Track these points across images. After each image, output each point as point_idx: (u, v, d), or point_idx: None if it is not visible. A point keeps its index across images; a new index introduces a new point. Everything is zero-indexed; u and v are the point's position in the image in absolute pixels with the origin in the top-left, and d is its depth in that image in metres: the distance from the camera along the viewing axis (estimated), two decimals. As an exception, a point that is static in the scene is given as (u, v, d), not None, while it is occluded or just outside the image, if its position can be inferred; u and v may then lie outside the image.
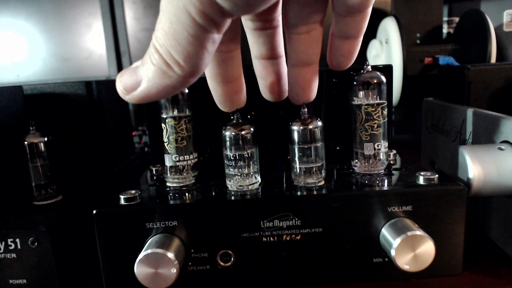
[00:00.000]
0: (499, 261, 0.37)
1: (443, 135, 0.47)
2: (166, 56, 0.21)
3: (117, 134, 0.53)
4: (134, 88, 0.24)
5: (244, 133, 0.32)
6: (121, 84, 0.24)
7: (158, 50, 0.22)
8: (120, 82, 0.24)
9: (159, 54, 0.22)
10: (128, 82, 0.24)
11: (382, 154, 0.35)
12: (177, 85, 0.23)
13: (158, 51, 0.22)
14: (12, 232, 0.31)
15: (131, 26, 1.03)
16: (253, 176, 0.33)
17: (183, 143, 0.35)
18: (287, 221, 0.31)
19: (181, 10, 0.20)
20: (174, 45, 0.21)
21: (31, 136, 0.37)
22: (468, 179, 0.32)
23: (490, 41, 0.71)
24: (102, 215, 0.30)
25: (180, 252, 0.29)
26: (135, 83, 0.23)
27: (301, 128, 0.32)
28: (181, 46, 0.21)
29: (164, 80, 0.22)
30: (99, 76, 1.06)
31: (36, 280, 0.32)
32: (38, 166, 0.37)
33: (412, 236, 0.28)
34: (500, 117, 0.35)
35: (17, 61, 1.08)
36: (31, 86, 0.46)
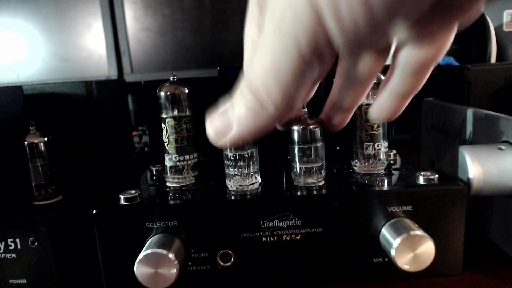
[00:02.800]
0: (499, 261, 0.37)
1: (443, 135, 0.47)
2: (261, 97, 0.21)
3: (117, 134, 0.53)
4: (226, 133, 0.23)
5: (244, 133, 0.32)
6: (212, 130, 0.24)
7: (253, 91, 0.21)
8: (211, 127, 0.24)
9: (253, 95, 0.21)
10: (219, 128, 0.23)
11: (382, 154, 0.35)
12: (270, 125, 0.22)
13: (253, 91, 0.21)
14: (12, 232, 0.31)
15: (131, 26, 1.03)
16: (253, 176, 0.33)
17: (183, 143, 0.35)
18: (287, 221, 0.31)
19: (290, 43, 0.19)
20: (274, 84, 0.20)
21: (31, 136, 0.37)
22: (468, 179, 0.32)
23: (490, 41, 0.71)
24: (102, 215, 0.30)
25: (180, 252, 0.29)
26: (226, 128, 0.23)
27: (301, 128, 0.32)
28: (282, 84, 0.20)
29: (257, 121, 0.22)
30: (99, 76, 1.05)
31: (36, 280, 0.32)
32: (38, 166, 0.37)
33: (412, 236, 0.28)
34: (500, 117, 0.35)
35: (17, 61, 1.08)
36: (31, 86, 0.46)
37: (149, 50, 1.03)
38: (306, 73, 0.20)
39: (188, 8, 1.02)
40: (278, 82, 0.20)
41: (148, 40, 1.03)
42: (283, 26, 0.19)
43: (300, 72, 0.20)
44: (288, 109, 0.21)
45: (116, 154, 0.52)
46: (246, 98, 0.21)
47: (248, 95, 0.21)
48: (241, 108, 0.22)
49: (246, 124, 0.22)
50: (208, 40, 1.03)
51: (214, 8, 1.02)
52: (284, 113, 0.22)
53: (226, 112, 0.23)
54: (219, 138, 0.24)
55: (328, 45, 0.18)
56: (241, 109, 0.22)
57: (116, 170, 0.50)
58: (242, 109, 0.22)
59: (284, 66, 0.19)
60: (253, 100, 0.21)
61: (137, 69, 1.04)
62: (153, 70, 1.03)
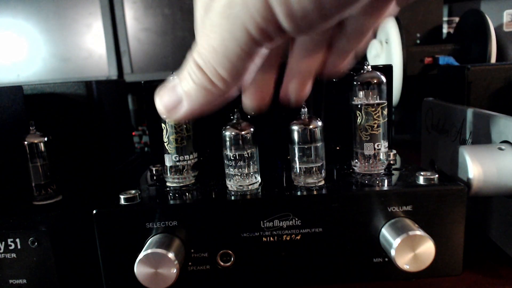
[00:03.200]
0: (499, 261, 0.37)
1: (443, 135, 0.47)
2: (210, 73, 0.21)
3: (117, 134, 0.53)
4: (176, 107, 0.23)
5: (244, 133, 0.32)
6: (162, 104, 0.24)
7: (202, 68, 0.21)
8: (160, 102, 0.24)
9: (202, 71, 0.21)
10: (169, 102, 0.24)
11: (382, 154, 0.35)
12: (219, 100, 0.22)
13: (202, 68, 0.21)
14: (12, 232, 0.31)
15: (131, 26, 1.03)
16: (253, 176, 0.33)
17: (183, 143, 0.35)
18: (287, 221, 0.31)
19: (238, 27, 0.19)
20: (222, 62, 0.20)
21: (31, 136, 0.37)
22: (468, 179, 0.32)
23: (490, 41, 0.71)
24: (102, 215, 0.30)
25: (180, 252, 0.29)
26: (176, 102, 0.23)
27: (301, 128, 0.32)
28: (230, 62, 0.20)
29: (206, 97, 0.22)
30: (99, 76, 1.05)
31: (36, 280, 0.32)
32: (38, 166, 0.37)
33: (412, 236, 0.28)
34: (500, 117, 0.35)
35: (17, 61, 1.08)
36: (31, 86, 0.46)
37: (149, 50, 1.03)
38: (255, 52, 0.20)
39: (188, 8, 1.02)
40: (226, 60, 0.20)
41: (148, 40, 1.03)
42: (232, 7, 0.19)
43: (249, 52, 0.20)
44: (237, 84, 0.22)
45: (116, 154, 0.52)
46: (195, 73, 0.22)
47: (196, 71, 0.21)
48: (190, 83, 0.22)
49: (196, 100, 0.22)
50: (208, 40, 1.02)
51: (214, 8, 1.01)
52: (233, 87, 0.22)
53: (175, 87, 0.23)
54: (170, 113, 0.24)
55: (277, 29, 0.19)
56: (190, 84, 0.22)
57: (116, 170, 0.50)
58: (191, 84, 0.22)
59: (232, 47, 0.20)
60: (202, 76, 0.21)
61: (137, 69, 1.04)
62: (153, 70, 1.03)
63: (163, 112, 0.24)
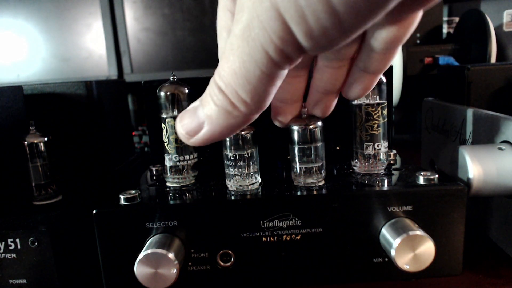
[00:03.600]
0: (499, 261, 0.37)
1: (443, 135, 0.47)
2: (232, 96, 0.21)
3: (117, 134, 0.53)
4: (197, 132, 0.23)
5: (244, 133, 0.32)
6: (183, 128, 0.24)
7: (223, 90, 0.21)
8: (181, 126, 0.24)
9: (224, 94, 0.21)
10: (190, 126, 0.23)
11: (382, 154, 0.35)
12: (241, 124, 0.22)
13: (223, 91, 0.21)
14: (12, 232, 0.31)
15: (131, 26, 1.03)
16: (253, 176, 0.33)
17: (183, 143, 0.35)
18: (287, 221, 0.31)
19: (257, 49, 0.19)
20: (243, 84, 0.20)
21: (31, 136, 0.37)
22: (468, 179, 0.32)
23: (490, 41, 0.71)
24: (102, 215, 0.30)
25: (180, 252, 0.29)
26: (197, 126, 0.23)
27: (301, 128, 0.32)
28: (251, 85, 0.20)
29: (228, 120, 0.22)
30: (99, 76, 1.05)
31: (36, 280, 0.32)
32: (38, 166, 0.37)
33: (412, 236, 0.28)
34: (500, 117, 0.35)
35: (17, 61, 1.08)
36: (31, 86, 0.46)
37: (149, 50, 1.03)
38: (275, 74, 0.20)
39: (188, 8, 1.02)
40: (247, 83, 0.20)
41: (148, 40, 1.03)
42: (250, 30, 0.19)
43: (269, 74, 0.20)
44: (258, 108, 0.21)
45: (116, 154, 0.52)
46: (216, 96, 0.21)
47: (218, 94, 0.21)
48: (212, 106, 0.22)
49: (217, 123, 0.22)
50: (208, 40, 1.03)
51: (214, 8, 1.02)
52: (256, 111, 0.22)
53: (196, 110, 0.23)
54: (190, 136, 0.23)
55: (296, 49, 0.19)
56: (212, 107, 0.22)
57: (116, 170, 0.50)
58: (212, 107, 0.22)
59: (252, 69, 0.20)
60: (224, 99, 0.21)
61: (137, 69, 1.04)
62: (153, 70, 1.03)
63: (184, 135, 0.24)
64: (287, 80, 0.28)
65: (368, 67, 0.26)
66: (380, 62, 0.25)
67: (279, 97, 0.29)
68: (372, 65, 0.25)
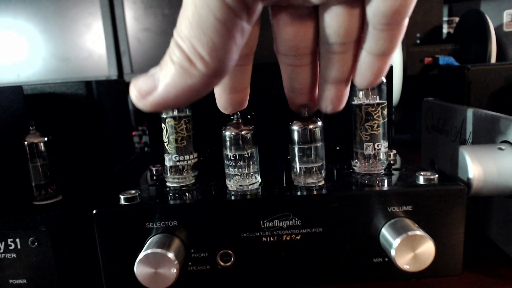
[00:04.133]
0: (499, 261, 0.37)
1: (443, 135, 0.47)
2: (188, 50, 0.19)
3: (117, 134, 0.53)
4: (150, 92, 0.21)
5: (244, 133, 0.32)
6: (135, 89, 0.21)
7: (180, 45, 0.19)
8: (134, 86, 0.22)
9: (180, 49, 0.19)
10: (144, 86, 0.21)
11: (382, 154, 0.35)
12: (198, 86, 0.20)
13: (180, 46, 0.19)
14: (12, 232, 0.31)
15: (131, 26, 1.03)
16: (253, 176, 0.33)
17: (183, 143, 0.35)
18: (287, 221, 0.31)
19: None
20: (198, 35, 0.19)
21: (31, 136, 0.37)
22: (468, 179, 0.32)
23: (490, 41, 0.71)
24: (102, 215, 0.30)
25: (180, 252, 0.29)
26: (151, 86, 0.21)
27: (301, 128, 0.32)
28: (206, 35, 0.19)
29: (184, 80, 0.20)
30: (99, 76, 1.05)
31: (36, 280, 0.32)
32: (38, 166, 0.37)
33: (412, 236, 0.28)
34: (500, 117, 0.35)
35: (17, 61, 1.08)
36: (31, 86, 0.46)
37: (149, 50, 1.03)
38: (232, 24, 0.19)
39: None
40: (202, 34, 0.19)
41: (148, 40, 1.03)
42: None
43: (225, 22, 0.18)
44: (217, 68, 0.20)
45: (116, 154, 0.52)
46: (174, 53, 0.20)
47: (175, 50, 0.20)
48: (169, 65, 0.20)
49: (173, 83, 0.20)
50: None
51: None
52: (214, 73, 0.20)
53: (154, 71, 0.21)
54: (142, 97, 0.21)
55: None
56: (169, 66, 0.20)
57: (116, 170, 0.50)
58: (169, 66, 0.20)
59: (205, 15, 0.18)
60: (180, 54, 0.19)
61: (137, 69, 1.04)
62: (153, 70, 1.03)
63: (135, 95, 0.21)
64: (292, 70, 0.27)
65: (373, 48, 0.24)
66: (385, 41, 0.23)
67: (289, 86, 0.29)
68: (378, 46, 0.24)
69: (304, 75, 0.28)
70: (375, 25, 0.23)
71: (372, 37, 0.24)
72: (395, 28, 0.23)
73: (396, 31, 0.23)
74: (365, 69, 0.25)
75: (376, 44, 0.24)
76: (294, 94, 0.29)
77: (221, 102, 0.29)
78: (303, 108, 0.31)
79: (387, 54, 0.24)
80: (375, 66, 0.25)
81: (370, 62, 0.25)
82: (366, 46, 0.24)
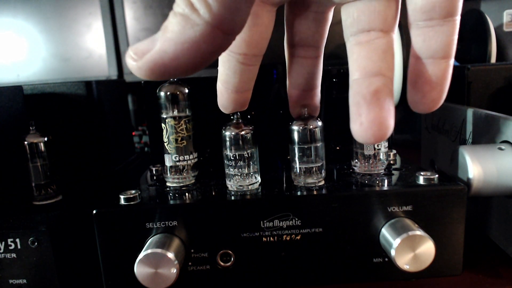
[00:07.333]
0: (499, 261, 0.37)
1: (443, 135, 0.47)
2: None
3: (117, 134, 0.53)
4: (146, 51, 0.18)
5: (244, 133, 0.32)
6: (132, 50, 0.19)
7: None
8: (131, 48, 0.19)
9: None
10: (141, 46, 0.19)
11: (382, 154, 0.35)
12: (201, 40, 0.17)
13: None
14: (12, 232, 0.31)
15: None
16: (253, 176, 0.33)
17: (183, 143, 0.35)
18: (287, 221, 0.31)
19: None
20: None
21: (31, 136, 0.37)
22: (468, 179, 0.32)
23: (490, 41, 0.71)
24: (102, 215, 0.30)
25: (180, 252, 0.29)
26: (149, 46, 0.18)
27: (301, 128, 0.32)
28: None
29: (186, 31, 0.17)
30: (99, 76, 1.05)
31: (36, 280, 0.32)
32: (38, 166, 0.37)
33: (412, 236, 0.28)
34: (500, 117, 0.35)
35: (17, 61, 1.08)
36: (31, 86, 0.46)
37: (149, 50, 1.03)
38: None
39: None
40: None
41: (148, 40, 1.03)
42: None
43: None
44: (223, 17, 0.17)
45: (116, 154, 0.52)
46: (176, 5, 0.18)
47: (179, 1, 0.18)
48: (170, 20, 0.18)
49: (172, 36, 0.17)
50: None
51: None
52: (220, 23, 0.17)
53: (154, 35, 0.19)
54: (138, 57, 0.18)
55: None
56: (170, 21, 0.18)
57: (116, 170, 0.50)
58: (171, 21, 0.18)
59: None
60: (182, 2, 0.17)
61: (137, 69, 1.04)
62: (153, 70, 1.03)
63: (131, 57, 0.19)
64: (298, 61, 0.27)
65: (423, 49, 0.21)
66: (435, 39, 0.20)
67: (294, 83, 0.29)
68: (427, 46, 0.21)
69: (309, 70, 0.28)
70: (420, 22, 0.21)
71: (416, 36, 0.21)
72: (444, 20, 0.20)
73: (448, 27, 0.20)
74: (416, 79, 0.22)
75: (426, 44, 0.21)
76: (300, 92, 0.29)
77: (223, 101, 0.29)
78: (304, 109, 0.31)
79: (442, 57, 0.22)
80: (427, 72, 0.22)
81: (421, 69, 0.22)
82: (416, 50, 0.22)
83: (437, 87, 0.22)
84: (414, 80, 0.22)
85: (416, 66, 0.22)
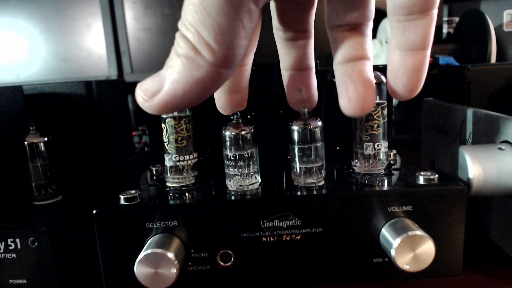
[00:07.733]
0: (499, 261, 0.37)
1: (443, 135, 0.47)
2: (194, 38, 0.18)
3: (117, 134, 0.53)
4: (156, 92, 0.19)
5: (244, 133, 0.32)
6: (141, 90, 0.20)
7: (184, 35, 0.18)
8: (139, 88, 0.20)
9: (185, 39, 0.18)
10: (150, 86, 0.20)
11: (382, 154, 0.35)
12: (207, 79, 0.19)
13: (185, 35, 0.18)
14: (12, 232, 0.31)
15: (131, 26, 1.03)
16: (253, 176, 0.33)
17: (183, 143, 0.35)
18: (287, 221, 0.31)
19: None
20: (203, 19, 0.17)
21: (31, 136, 0.37)
22: (468, 179, 0.32)
23: (490, 41, 0.71)
24: (102, 215, 0.30)
25: (180, 252, 0.29)
26: (157, 85, 0.19)
27: (301, 128, 0.32)
28: (211, 18, 0.17)
29: (191, 72, 0.18)
30: (99, 76, 1.05)
31: (36, 280, 0.32)
32: (38, 166, 0.37)
33: (412, 236, 0.28)
34: (500, 117, 0.35)
35: (17, 61, 1.08)
36: (31, 86, 0.46)
37: (149, 50, 1.03)
38: (237, 3, 0.18)
39: (188, 8, 1.02)
40: (206, 15, 0.18)
41: (148, 40, 1.03)
42: None
43: (231, 4, 0.17)
44: (225, 56, 0.18)
45: (116, 154, 0.52)
46: (179, 46, 0.19)
47: (180, 41, 0.19)
48: (175, 61, 0.19)
49: (179, 77, 0.19)
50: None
51: (214, 8, 1.01)
52: (222, 62, 0.18)
53: (159, 72, 0.20)
54: (149, 98, 0.20)
55: None
56: (174, 60, 0.19)
57: (116, 170, 0.50)
58: (175, 61, 0.19)
59: None
60: (185, 45, 0.18)
61: (137, 69, 1.04)
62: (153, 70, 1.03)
63: (141, 97, 0.20)
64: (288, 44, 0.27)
65: (401, 42, 0.22)
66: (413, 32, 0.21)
67: (287, 64, 0.29)
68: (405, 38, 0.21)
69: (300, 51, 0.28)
70: (400, 15, 0.21)
71: (396, 29, 0.22)
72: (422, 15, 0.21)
73: (425, 21, 0.21)
74: (396, 70, 0.23)
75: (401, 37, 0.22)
76: (294, 72, 0.29)
77: (220, 103, 0.29)
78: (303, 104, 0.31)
79: (419, 48, 0.22)
80: (406, 64, 0.23)
81: (400, 61, 0.23)
82: (393, 43, 0.23)
83: (416, 77, 0.24)
84: (394, 71, 0.24)
85: (395, 57, 0.23)
